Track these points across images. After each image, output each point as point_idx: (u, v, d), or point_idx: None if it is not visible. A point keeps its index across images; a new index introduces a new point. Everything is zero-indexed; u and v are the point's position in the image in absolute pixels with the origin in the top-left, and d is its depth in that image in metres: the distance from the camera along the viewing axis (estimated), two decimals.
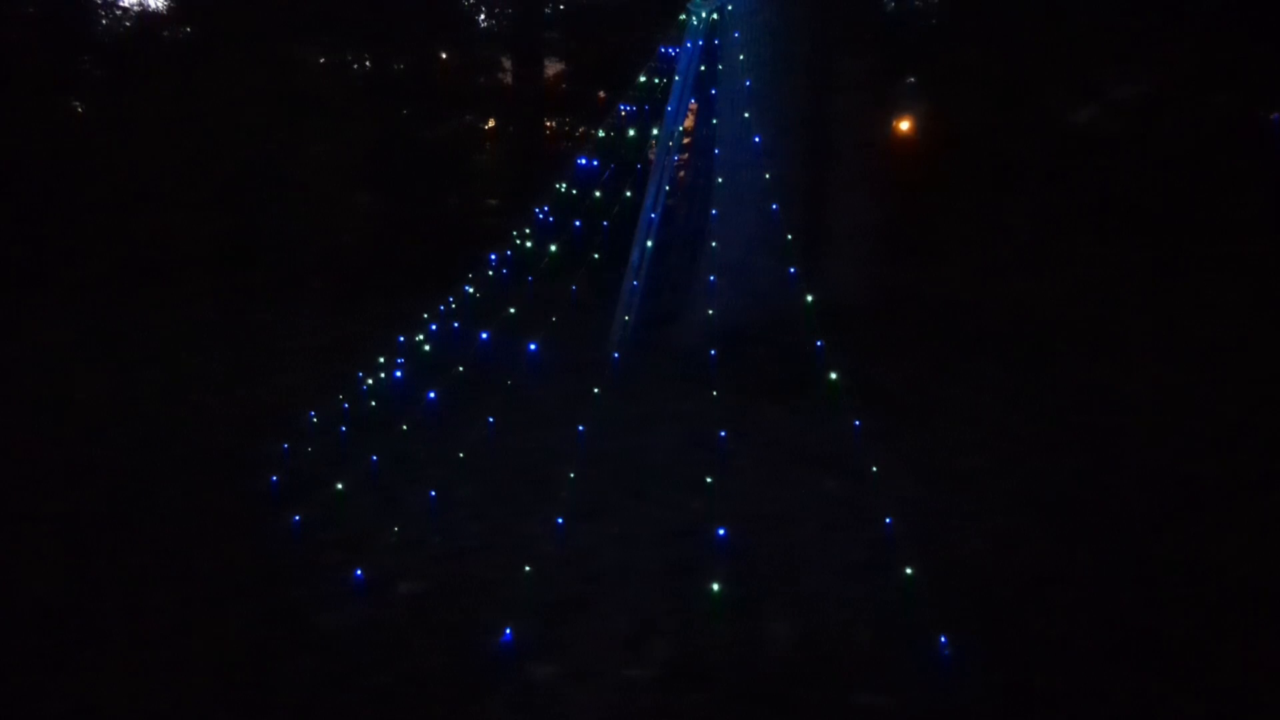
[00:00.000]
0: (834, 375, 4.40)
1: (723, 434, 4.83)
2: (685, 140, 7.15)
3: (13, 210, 11.49)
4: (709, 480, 4.43)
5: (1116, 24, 11.75)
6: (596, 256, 5.57)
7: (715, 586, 3.60)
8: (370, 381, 6.12)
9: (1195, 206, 11.02)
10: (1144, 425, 5.43)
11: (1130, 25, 11.77)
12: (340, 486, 4.74)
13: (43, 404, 6.53)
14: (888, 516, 3.92)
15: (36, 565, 4.07)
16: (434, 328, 6.28)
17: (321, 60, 14.35)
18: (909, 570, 3.59)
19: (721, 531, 3.91)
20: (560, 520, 4.15)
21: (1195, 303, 8.33)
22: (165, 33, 13.96)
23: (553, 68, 17.33)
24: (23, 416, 6.25)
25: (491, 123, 17.06)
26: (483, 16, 17.29)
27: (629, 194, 5.94)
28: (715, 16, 6.67)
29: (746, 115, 6.52)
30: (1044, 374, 6.45)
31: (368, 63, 14.91)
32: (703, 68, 6.82)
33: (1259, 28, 11.16)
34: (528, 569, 3.77)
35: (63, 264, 11.05)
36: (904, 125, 14.97)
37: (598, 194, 5.93)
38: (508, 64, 16.38)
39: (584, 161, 6.68)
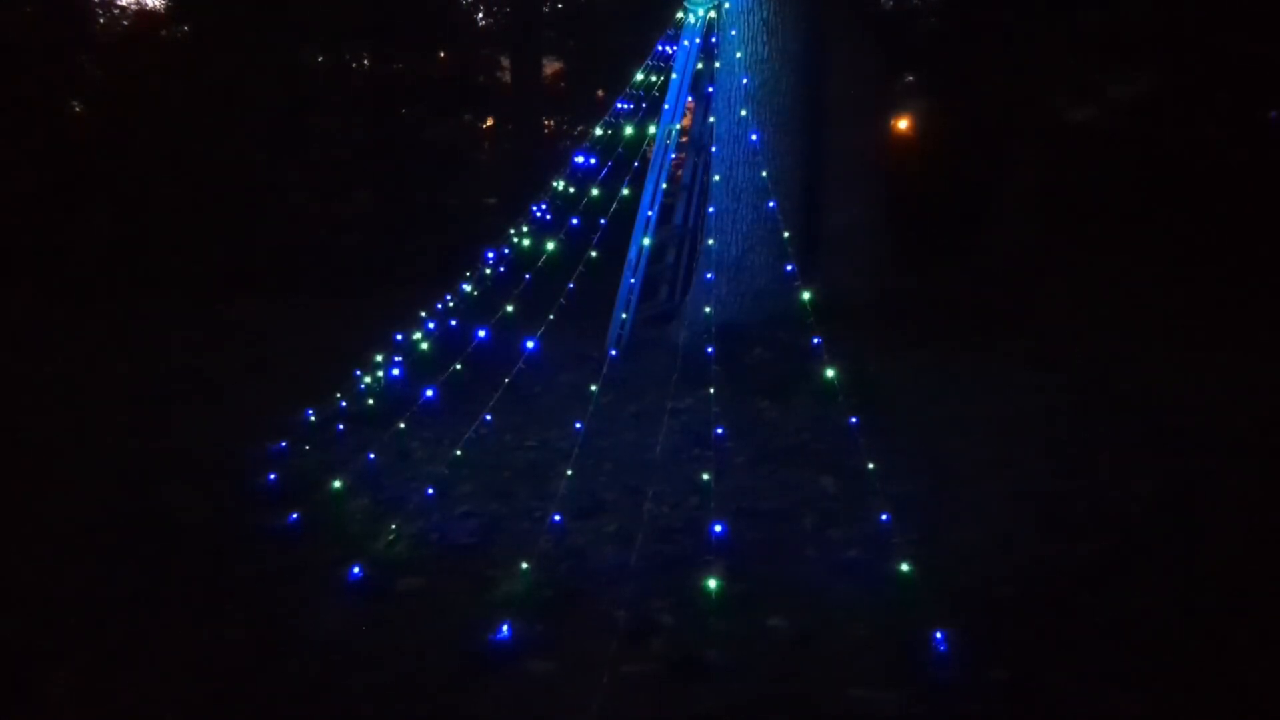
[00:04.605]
0: (831, 372, 4.41)
1: (720, 431, 4.84)
2: (683, 138, 7.16)
3: (11, 210, 11.49)
4: (706, 477, 4.43)
5: (1117, 24, 11.74)
6: (594, 254, 5.57)
7: (713, 582, 3.60)
8: (368, 379, 6.13)
9: (1194, 205, 11.03)
10: (1142, 422, 5.43)
11: (1130, 25, 11.77)
12: (338, 484, 4.74)
13: (41, 404, 6.54)
14: (884, 513, 3.93)
15: (35, 565, 4.07)
16: (432, 325, 6.29)
17: (321, 60, 14.34)
18: (905, 566, 3.60)
19: (719, 528, 3.91)
20: (558, 517, 4.15)
21: (1195, 301, 8.33)
22: (164, 32, 13.96)
23: (551, 66, 17.34)
24: (22, 416, 6.25)
25: (490, 121, 17.08)
26: (481, 16, 17.30)
27: (626, 191, 5.94)
28: (713, 14, 6.67)
29: (744, 113, 6.52)
30: (1041, 371, 6.45)
31: (367, 62, 14.90)
32: (700, 65, 6.82)
33: (1259, 27, 11.17)
34: (525, 565, 3.78)
35: (61, 263, 11.05)
36: (902, 124, 14.98)
37: (595, 191, 5.93)
38: (506, 63, 16.40)
39: (582, 159, 6.69)
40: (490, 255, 6.73)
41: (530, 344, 4.75)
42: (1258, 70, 11.95)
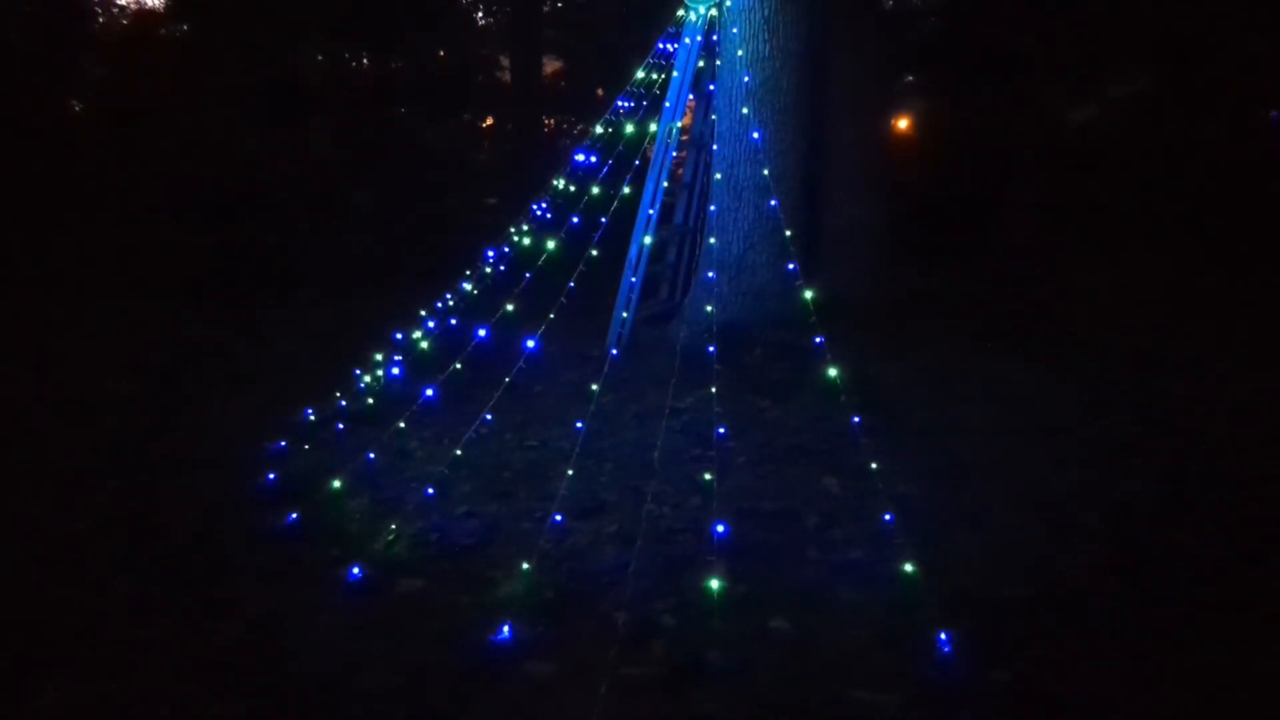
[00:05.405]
0: (833, 372, 4.39)
1: (721, 430, 4.82)
2: (683, 136, 7.14)
3: (11, 210, 11.48)
4: (708, 477, 4.41)
5: (1116, 24, 11.74)
6: (595, 253, 5.56)
7: (714, 583, 3.58)
8: (368, 379, 6.11)
9: (1195, 205, 11.02)
10: (1143, 423, 5.41)
11: (1130, 25, 11.77)
12: (338, 484, 4.72)
13: (40, 404, 6.52)
14: (887, 514, 3.91)
15: (33, 566, 4.05)
16: (432, 325, 6.27)
17: (319, 59, 14.34)
18: (908, 567, 3.58)
19: (720, 528, 3.89)
20: (559, 517, 4.13)
21: (1197, 301, 8.32)
22: (163, 32, 13.97)
23: (551, 65, 17.35)
24: (21, 417, 6.24)
25: (490, 121, 17.09)
26: (481, 15, 17.30)
27: (627, 190, 5.93)
28: (714, 12, 6.66)
29: (745, 111, 6.51)
30: (1044, 371, 6.44)
31: (366, 61, 14.90)
32: (701, 63, 6.81)
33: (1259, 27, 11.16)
34: (526, 566, 3.76)
35: (60, 264, 11.04)
36: (903, 124, 14.98)
37: (595, 190, 5.92)
38: (506, 62, 16.41)
39: (582, 158, 6.67)
40: (490, 254, 6.71)
41: (531, 343, 4.74)
42: (1257, 70, 11.96)
